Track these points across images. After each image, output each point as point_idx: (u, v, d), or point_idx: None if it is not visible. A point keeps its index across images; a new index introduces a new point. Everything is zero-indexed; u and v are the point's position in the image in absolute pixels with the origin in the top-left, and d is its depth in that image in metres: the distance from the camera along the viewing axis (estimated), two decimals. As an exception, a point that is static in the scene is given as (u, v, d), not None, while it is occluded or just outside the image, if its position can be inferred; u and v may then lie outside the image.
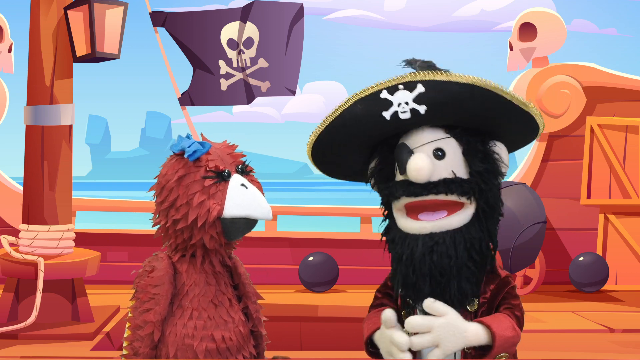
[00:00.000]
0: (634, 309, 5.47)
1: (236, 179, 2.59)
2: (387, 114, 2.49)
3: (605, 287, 5.97)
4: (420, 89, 2.45)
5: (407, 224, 2.50)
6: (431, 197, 2.46)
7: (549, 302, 5.63)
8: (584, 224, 6.26)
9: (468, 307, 2.50)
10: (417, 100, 2.46)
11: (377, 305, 2.69)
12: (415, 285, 2.46)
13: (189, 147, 2.59)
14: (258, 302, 2.74)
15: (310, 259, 6.06)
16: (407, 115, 2.47)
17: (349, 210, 6.65)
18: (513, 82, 6.42)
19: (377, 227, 2.67)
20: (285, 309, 5.28)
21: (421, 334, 2.43)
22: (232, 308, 2.65)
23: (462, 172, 2.50)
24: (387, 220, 2.61)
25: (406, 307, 2.56)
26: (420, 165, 2.44)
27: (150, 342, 2.58)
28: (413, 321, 2.45)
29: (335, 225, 6.81)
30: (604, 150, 6.18)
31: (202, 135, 2.73)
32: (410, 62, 2.57)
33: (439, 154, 2.50)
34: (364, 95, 2.52)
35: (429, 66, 2.55)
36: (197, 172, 2.57)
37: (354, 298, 5.76)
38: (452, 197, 2.46)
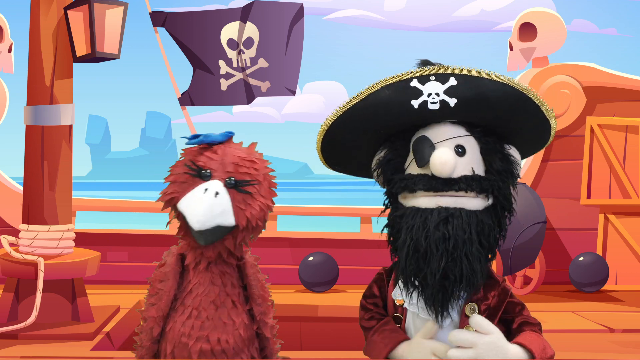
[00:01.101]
0: (634, 309, 5.47)
1: (209, 184, 2.51)
2: (415, 103, 2.47)
3: (605, 287, 5.97)
4: (452, 81, 2.44)
5: (420, 200, 2.48)
6: (451, 193, 2.45)
7: (549, 302, 5.63)
8: (584, 224, 6.25)
9: (467, 313, 2.50)
10: (448, 92, 2.45)
11: (372, 318, 2.67)
12: (426, 255, 2.41)
13: (210, 136, 2.58)
14: (266, 304, 2.72)
15: (310, 259, 6.06)
16: (436, 107, 2.45)
17: (349, 210, 6.65)
18: (513, 82, 6.41)
19: (377, 227, 2.65)
20: (285, 309, 5.27)
21: (463, 349, 2.42)
22: (234, 310, 2.62)
23: (479, 171, 2.50)
24: (390, 205, 2.60)
25: (402, 302, 2.55)
26: (446, 159, 2.43)
27: (151, 336, 2.60)
28: (459, 335, 2.44)
29: (335, 225, 6.81)
30: (604, 150, 6.18)
31: (239, 141, 2.65)
32: (424, 63, 2.56)
33: (460, 150, 2.49)
34: (392, 82, 2.49)
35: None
36: (185, 159, 2.59)
37: (354, 298, 5.71)
38: (471, 194, 2.45)
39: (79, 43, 4.65)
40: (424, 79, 2.46)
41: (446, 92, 2.45)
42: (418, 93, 2.46)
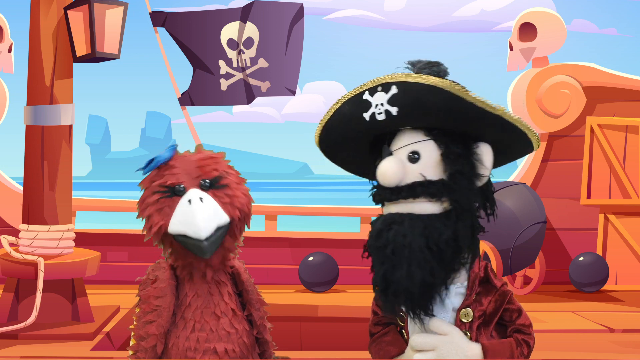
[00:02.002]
0: (634, 309, 5.47)
1: (189, 195, 2.50)
2: (366, 115, 2.50)
3: (605, 287, 5.97)
4: (393, 90, 2.45)
5: (384, 210, 2.53)
6: (401, 202, 2.46)
7: (549, 302, 5.63)
8: (584, 224, 6.26)
9: (462, 319, 2.51)
10: (391, 101, 2.46)
11: (378, 323, 2.69)
12: (372, 264, 2.48)
13: (148, 165, 2.56)
14: (263, 309, 2.69)
15: (310, 259, 6.06)
16: (382, 117, 2.47)
17: (349, 210, 6.65)
18: (513, 82, 6.42)
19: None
20: (285, 309, 5.27)
21: (425, 352, 2.47)
22: (235, 318, 2.60)
23: (437, 174, 2.48)
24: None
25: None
26: (383, 170, 2.46)
27: (154, 354, 2.54)
28: (417, 339, 2.49)
29: (335, 225, 6.81)
30: (604, 150, 6.18)
31: (176, 147, 2.65)
32: (412, 64, 2.56)
33: (415, 157, 2.49)
34: (350, 97, 2.53)
35: (431, 66, 2.53)
36: (151, 186, 2.55)
37: (354, 298, 5.76)
38: (422, 200, 2.45)
39: (79, 43, 4.66)
40: (372, 91, 2.48)
41: (389, 101, 2.46)
42: (368, 105, 2.49)
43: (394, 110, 2.46)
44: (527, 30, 6.28)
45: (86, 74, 5.23)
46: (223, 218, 2.51)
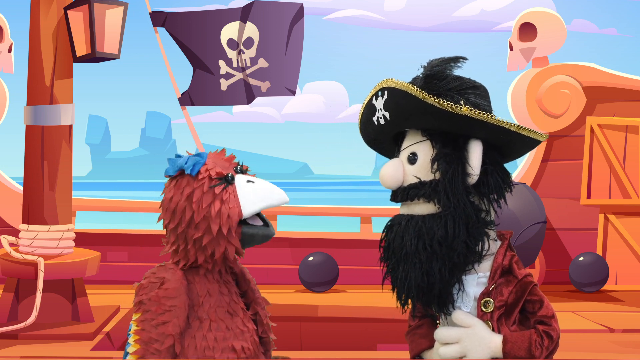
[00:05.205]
0: (634, 309, 5.47)
1: (241, 179, 2.58)
2: (374, 120, 2.60)
3: (605, 287, 5.97)
4: (385, 95, 2.54)
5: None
6: (407, 202, 2.53)
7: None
8: (584, 224, 6.25)
9: (483, 308, 2.52)
10: (384, 107, 2.56)
11: (416, 316, 2.71)
12: (380, 259, 2.57)
13: (186, 163, 2.57)
14: (266, 308, 2.71)
15: (310, 259, 6.06)
16: (382, 121, 2.58)
17: (349, 210, 6.65)
18: (513, 82, 6.42)
19: (377, 227, 2.71)
20: (285, 309, 5.27)
21: (449, 345, 2.52)
22: (245, 317, 2.63)
23: (431, 175, 2.51)
24: None
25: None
26: (381, 174, 2.56)
27: (172, 355, 2.51)
28: (441, 333, 2.55)
29: (335, 225, 6.81)
30: (604, 150, 6.18)
31: (196, 147, 2.72)
32: (430, 62, 2.58)
33: (414, 158, 2.55)
34: (365, 102, 2.64)
35: (443, 62, 2.56)
36: (203, 184, 2.54)
37: (354, 298, 5.76)
38: (420, 201, 2.49)
39: (79, 43, 4.66)
40: (376, 95, 2.59)
41: (383, 106, 2.56)
42: (374, 110, 2.60)
43: (387, 115, 2.55)
44: (527, 30, 6.28)
45: (86, 74, 5.23)
46: None
